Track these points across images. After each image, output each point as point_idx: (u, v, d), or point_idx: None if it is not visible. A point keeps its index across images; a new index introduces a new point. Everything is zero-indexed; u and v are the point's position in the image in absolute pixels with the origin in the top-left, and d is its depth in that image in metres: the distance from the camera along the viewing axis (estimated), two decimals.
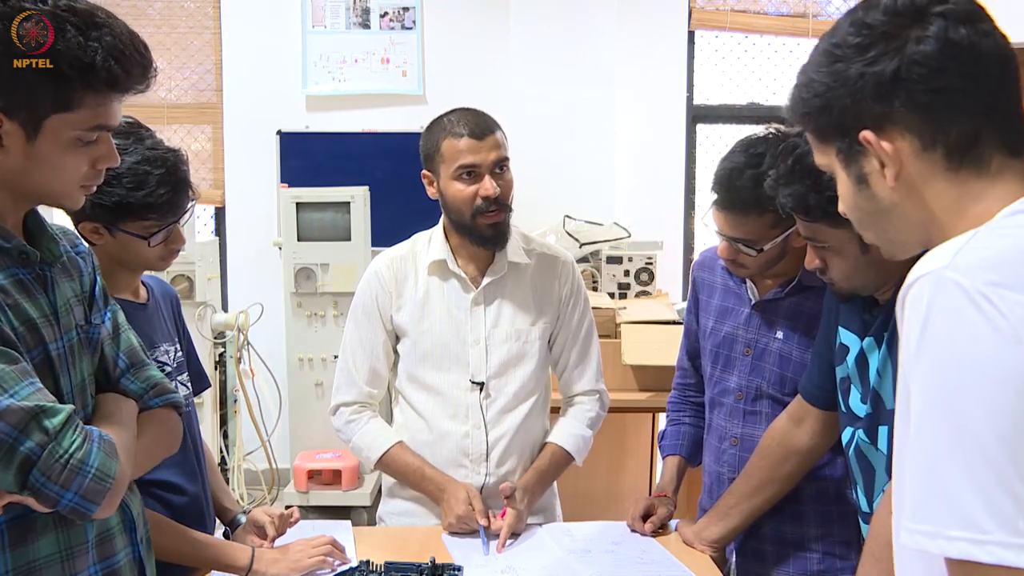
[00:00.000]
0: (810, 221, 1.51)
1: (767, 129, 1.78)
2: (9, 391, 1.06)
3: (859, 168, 0.97)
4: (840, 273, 1.53)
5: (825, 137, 1.00)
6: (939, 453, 0.80)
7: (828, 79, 0.96)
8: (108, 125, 1.17)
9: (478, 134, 1.88)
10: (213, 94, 4.69)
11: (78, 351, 1.24)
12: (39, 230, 1.23)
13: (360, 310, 2.03)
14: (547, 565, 1.77)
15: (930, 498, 0.80)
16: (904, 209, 0.96)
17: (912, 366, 0.84)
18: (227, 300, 4.69)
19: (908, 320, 0.85)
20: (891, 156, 0.93)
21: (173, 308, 1.81)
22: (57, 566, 1.17)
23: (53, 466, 1.08)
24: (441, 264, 1.98)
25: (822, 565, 1.85)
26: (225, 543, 1.68)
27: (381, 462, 1.99)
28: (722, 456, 1.94)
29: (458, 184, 1.89)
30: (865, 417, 1.57)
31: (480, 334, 1.97)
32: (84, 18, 1.11)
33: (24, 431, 1.06)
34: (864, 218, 1.02)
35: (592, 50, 4.33)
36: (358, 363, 2.02)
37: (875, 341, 1.54)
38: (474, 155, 1.87)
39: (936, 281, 0.83)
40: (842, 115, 0.95)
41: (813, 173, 1.46)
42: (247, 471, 4.38)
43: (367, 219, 4.09)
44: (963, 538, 0.77)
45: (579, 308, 2.06)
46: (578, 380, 2.08)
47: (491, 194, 1.88)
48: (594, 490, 3.23)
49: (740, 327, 1.91)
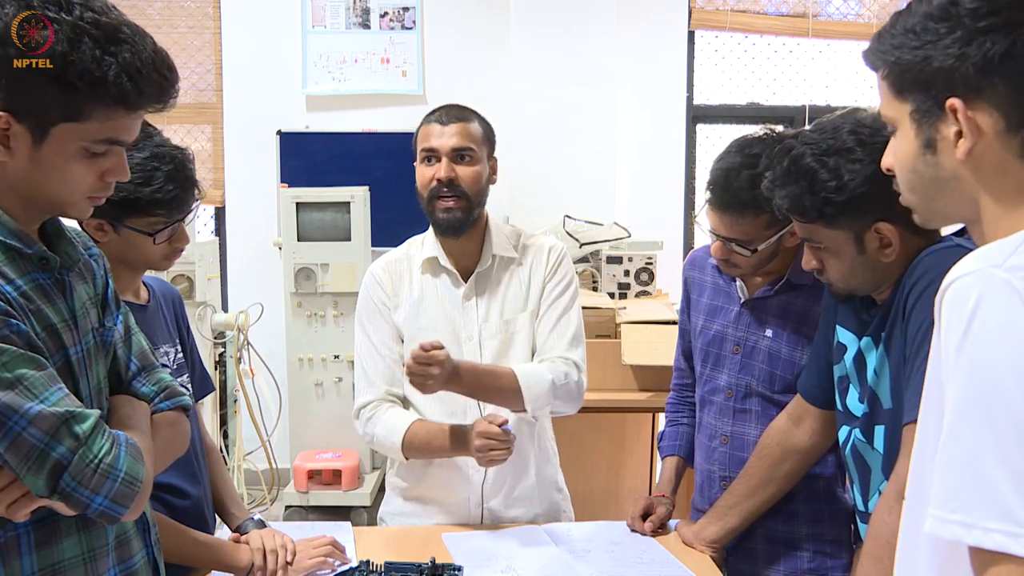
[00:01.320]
0: (806, 222, 1.51)
1: (763, 129, 1.78)
2: (39, 397, 1.07)
3: (931, 132, 0.95)
4: (837, 273, 1.53)
5: (903, 92, 0.97)
6: (980, 446, 0.79)
7: (932, 36, 0.92)
8: (119, 140, 1.16)
9: (444, 120, 1.94)
10: (213, 94, 4.69)
11: (94, 354, 1.25)
12: (58, 235, 1.24)
13: (364, 314, 2.03)
14: (547, 565, 1.77)
15: (967, 489, 0.79)
16: (964, 184, 0.94)
17: (952, 360, 0.83)
18: (227, 300, 4.69)
19: (948, 317, 0.84)
20: (972, 130, 0.90)
21: (175, 309, 1.80)
22: (80, 568, 1.18)
23: (84, 471, 1.09)
24: (433, 261, 2.00)
25: (812, 563, 1.86)
26: (225, 543, 1.68)
27: (405, 444, 1.91)
28: (713, 454, 1.95)
29: (421, 167, 1.96)
30: (862, 417, 1.57)
31: (473, 330, 1.98)
32: (107, 32, 1.10)
33: (55, 437, 1.07)
34: (917, 182, 0.99)
35: (592, 50, 4.33)
36: (374, 364, 2.00)
37: (872, 341, 1.54)
38: (436, 139, 1.93)
39: (986, 279, 0.82)
40: (936, 75, 0.92)
41: (809, 174, 1.46)
42: (247, 471, 4.38)
43: (367, 219, 4.09)
44: (1000, 530, 0.77)
45: (559, 281, 2.01)
46: (553, 345, 1.97)
47: (442, 177, 1.91)
48: (594, 490, 3.22)
49: (730, 325, 1.91)
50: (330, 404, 4.13)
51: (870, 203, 1.43)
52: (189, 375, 1.78)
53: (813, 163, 1.46)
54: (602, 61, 4.34)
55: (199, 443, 1.77)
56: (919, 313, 1.40)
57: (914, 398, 1.39)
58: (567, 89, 4.31)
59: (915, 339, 1.41)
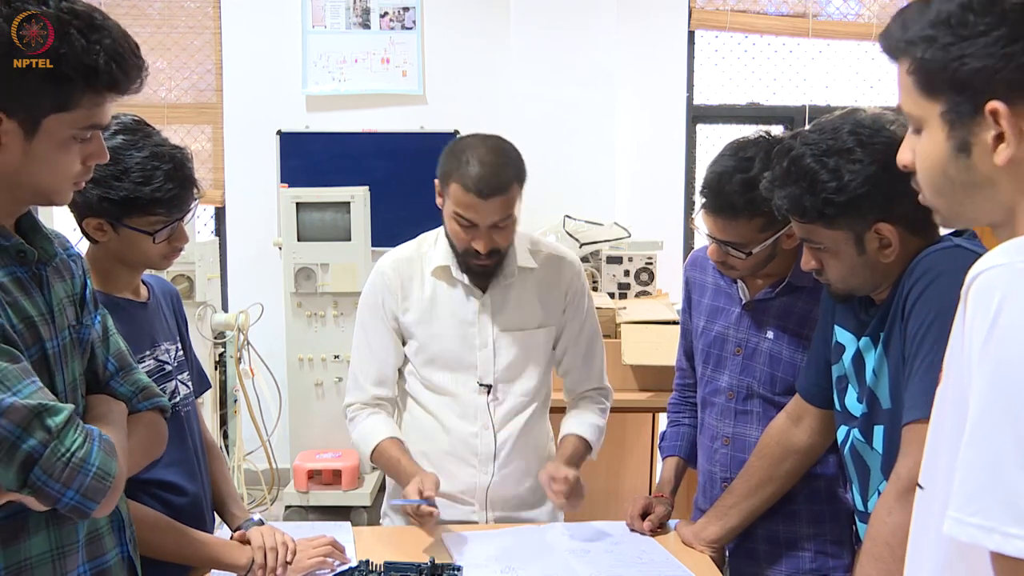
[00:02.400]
0: (806, 223, 1.51)
1: (757, 132, 1.79)
2: (12, 389, 1.06)
3: (966, 135, 0.88)
4: (836, 274, 1.53)
5: (934, 91, 0.90)
6: (1003, 448, 0.76)
7: (971, 32, 0.86)
8: (101, 124, 1.19)
9: (485, 193, 1.80)
10: (213, 94, 4.69)
11: (70, 350, 1.25)
12: (33, 229, 1.24)
13: (366, 312, 2.03)
14: (547, 565, 1.77)
15: (988, 492, 0.76)
16: (999, 189, 0.88)
17: (977, 355, 0.80)
18: (227, 300, 4.69)
19: (974, 310, 0.81)
20: (1016, 135, 0.85)
21: (174, 306, 1.81)
22: (48, 565, 1.18)
23: (55, 464, 1.08)
24: (445, 270, 1.99)
25: (814, 564, 1.86)
26: (224, 542, 1.68)
27: (373, 458, 2.02)
28: (714, 455, 1.95)
29: (455, 225, 1.88)
30: (861, 417, 1.57)
31: (488, 338, 1.98)
32: (85, 21, 1.12)
33: (27, 429, 1.07)
34: (946, 185, 0.93)
35: (592, 50, 4.33)
36: (364, 367, 2.04)
37: (871, 341, 1.54)
38: (474, 212, 1.83)
39: (1015, 273, 0.78)
40: (972, 76, 0.86)
41: (808, 175, 1.46)
42: (247, 471, 4.38)
43: (367, 219, 4.09)
44: (1021, 536, 0.74)
45: (583, 308, 2.07)
46: (586, 378, 2.11)
47: (482, 251, 1.87)
48: (594, 490, 3.19)
49: (731, 327, 1.92)
50: (330, 404, 4.13)
51: (870, 204, 1.43)
52: (188, 372, 1.78)
53: (813, 163, 1.46)
54: (602, 61, 4.34)
55: (199, 440, 1.76)
56: (919, 314, 1.40)
57: (913, 399, 1.38)
58: (567, 89, 4.31)
59: (914, 340, 1.40)
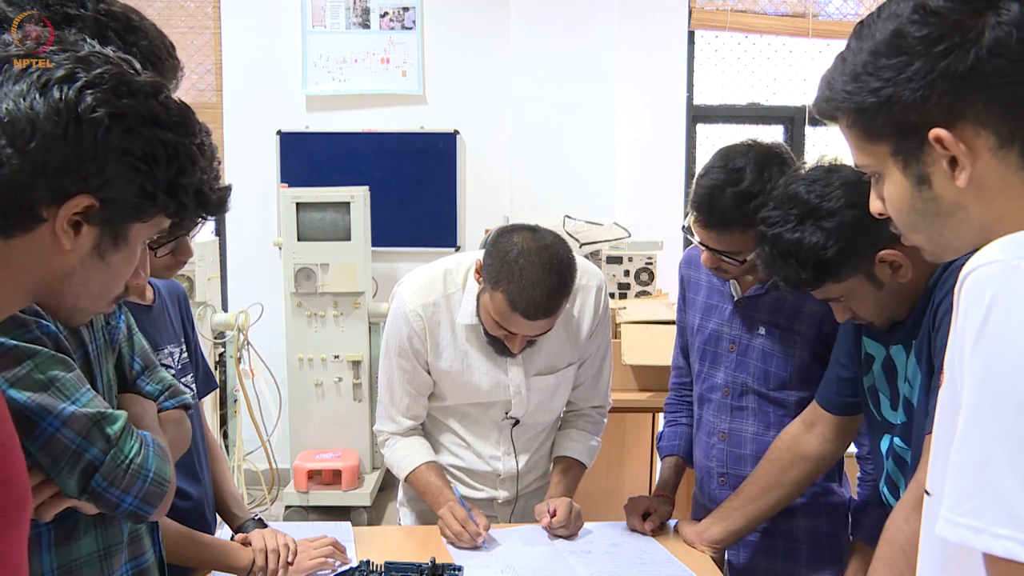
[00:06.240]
0: (813, 289, 1.53)
1: (746, 139, 1.81)
2: (71, 398, 1.07)
3: (921, 168, 0.89)
4: (869, 313, 1.55)
5: (877, 136, 0.91)
6: (993, 447, 0.75)
7: (889, 73, 0.87)
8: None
9: (531, 315, 1.77)
10: (213, 94, 4.69)
11: (104, 351, 1.26)
12: None
13: (395, 350, 2.00)
14: (547, 565, 1.77)
15: (978, 493, 0.75)
16: (969, 211, 0.88)
17: (968, 354, 0.78)
18: (227, 300, 4.69)
19: (966, 307, 0.79)
20: (967, 155, 0.85)
21: (181, 307, 1.80)
22: (96, 564, 1.19)
23: (115, 471, 1.10)
24: (475, 328, 1.96)
25: (811, 557, 1.89)
26: (227, 543, 1.68)
27: (409, 479, 2.03)
28: (711, 451, 1.98)
29: (492, 323, 1.85)
30: (900, 424, 1.58)
31: (520, 383, 2.00)
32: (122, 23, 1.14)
33: (88, 438, 1.08)
34: (919, 220, 0.93)
35: (592, 50, 4.33)
36: (396, 399, 2.04)
37: (903, 348, 1.55)
38: (516, 327, 1.82)
39: (1008, 270, 0.77)
40: (906, 112, 0.87)
41: (791, 251, 1.50)
42: (247, 471, 4.38)
43: (367, 219, 4.08)
44: (1010, 537, 0.73)
45: (603, 333, 2.09)
46: (592, 395, 2.14)
47: (515, 351, 1.91)
48: (594, 490, 3.22)
49: (725, 324, 1.93)
50: (330, 404, 4.14)
51: (861, 242, 1.45)
52: (193, 373, 1.78)
53: (790, 236, 1.49)
54: (602, 61, 4.34)
55: (201, 443, 1.77)
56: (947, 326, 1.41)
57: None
58: (567, 89, 4.31)
59: (941, 352, 1.41)
